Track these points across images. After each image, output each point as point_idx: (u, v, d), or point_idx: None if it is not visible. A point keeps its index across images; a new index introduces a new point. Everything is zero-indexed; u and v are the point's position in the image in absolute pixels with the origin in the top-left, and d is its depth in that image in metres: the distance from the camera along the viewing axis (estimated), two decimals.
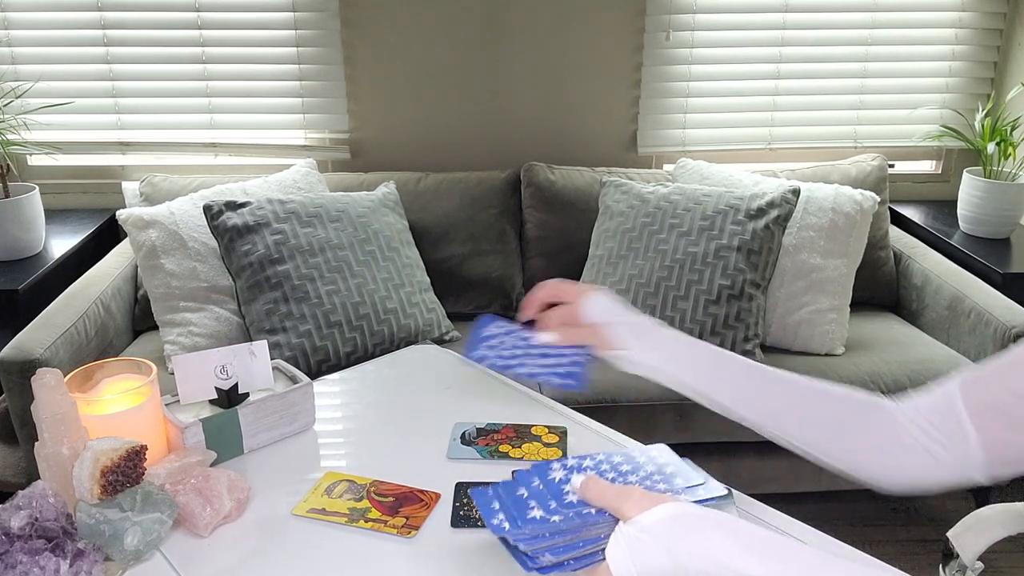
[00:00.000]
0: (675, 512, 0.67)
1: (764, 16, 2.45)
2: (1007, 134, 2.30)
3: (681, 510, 0.67)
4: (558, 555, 0.70)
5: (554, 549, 0.71)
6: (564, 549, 0.71)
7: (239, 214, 1.93)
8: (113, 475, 0.86)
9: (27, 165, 2.48)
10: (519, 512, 0.76)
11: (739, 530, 0.65)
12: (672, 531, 0.66)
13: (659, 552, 0.65)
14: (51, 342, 1.72)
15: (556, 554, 0.70)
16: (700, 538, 0.64)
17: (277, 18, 2.36)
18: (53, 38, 2.34)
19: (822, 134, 2.60)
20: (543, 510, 0.75)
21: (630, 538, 0.67)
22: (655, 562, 0.65)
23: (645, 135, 2.54)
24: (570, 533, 0.72)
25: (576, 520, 0.72)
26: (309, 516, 0.93)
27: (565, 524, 0.72)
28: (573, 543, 0.71)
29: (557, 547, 0.71)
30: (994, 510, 1.12)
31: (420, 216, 2.25)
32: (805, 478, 2.02)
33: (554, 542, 0.71)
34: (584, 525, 0.71)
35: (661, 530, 0.66)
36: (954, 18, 2.50)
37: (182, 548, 0.88)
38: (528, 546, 0.71)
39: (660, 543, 0.66)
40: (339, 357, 1.88)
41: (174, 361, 1.03)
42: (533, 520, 0.73)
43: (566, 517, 0.73)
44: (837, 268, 2.07)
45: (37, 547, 0.79)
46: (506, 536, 0.73)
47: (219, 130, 2.45)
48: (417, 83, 2.45)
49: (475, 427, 1.11)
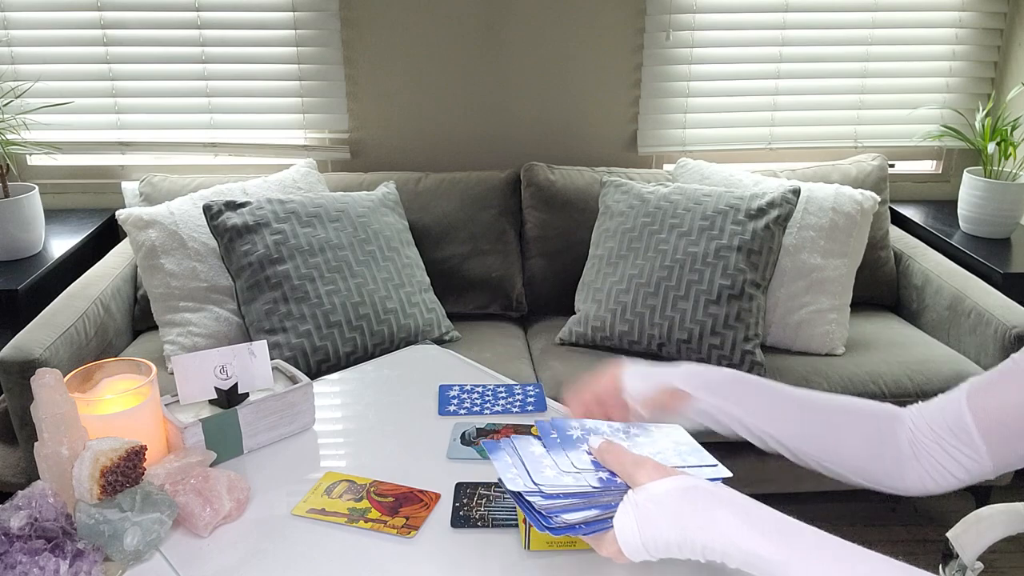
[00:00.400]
0: (686, 485, 0.68)
1: (764, 16, 2.45)
2: (1007, 134, 2.30)
3: (692, 484, 0.68)
4: (572, 515, 0.72)
5: (568, 510, 0.72)
6: (578, 510, 0.72)
7: (239, 214, 1.93)
8: (113, 475, 0.86)
9: (27, 165, 2.48)
10: (534, 469, 0.76)
11: (747, 509, 0.65)
12: (681, 504, 0.66)
13: (666, 524, 0.66)
14: (51, 342, 1.72)
15: (570, 514, 0.72)
16: (709, 514, 0.65)
17: (277, 18, 2.35)
18: (53, 38, 2.34)
19: (822, 134, 2.60)
20: (556, 469, 0.76)
21: (638, 507, 0.68)
22: (662, 533, 0.66)
23: (645, 135, 2.54)
24: (585, 497, 0.73)
25: (590, 484, 0.73)
26: (309, 516, 0.93)
27: (579, 487, 0.73)
28: (587, 506, 0.72)
29: (571, 507, 0.72)
30: (994, 510, 1.12)
31: (420, 216, 2.25)
32: (805, 478, 2.01)
33: (569, 502, 0.72)
34: (599, 492, 0.73)
35: (670, 501, 0.67)
36: (954, 18, 2.50)
37: (182, 548, 0.88)
38: (544, 504, 0.72)
39: (668, 514, 0.66)
40: (339, 357, 1.87)
41: (174, 361, 1.03)
42: (547, 478, 0.74)
43: (579, 477, 0.74)
44: (837, 268, 2.07)
45: (37, 547, 0.79)
46: (521, 492, 0.74)
47: (219, 130, 2.45)
48: (417, 83, 2.45)
49: (475, 427, 1.11)
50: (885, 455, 0.84)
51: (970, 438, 0.79)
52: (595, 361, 1.98)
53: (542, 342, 2.12)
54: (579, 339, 2.06)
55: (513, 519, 0.92)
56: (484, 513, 0.93)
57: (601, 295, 2.04)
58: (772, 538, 0.62)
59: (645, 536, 0.67)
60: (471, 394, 1.20)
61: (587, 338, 2.05)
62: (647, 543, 0.67)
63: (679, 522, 0.65)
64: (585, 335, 2.05)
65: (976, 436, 0.79)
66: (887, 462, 0.84)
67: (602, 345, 2.04)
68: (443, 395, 1.21)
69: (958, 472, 0.81)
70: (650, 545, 0.67)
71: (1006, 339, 1.90)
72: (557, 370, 1.96)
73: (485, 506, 0.94)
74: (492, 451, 0.81)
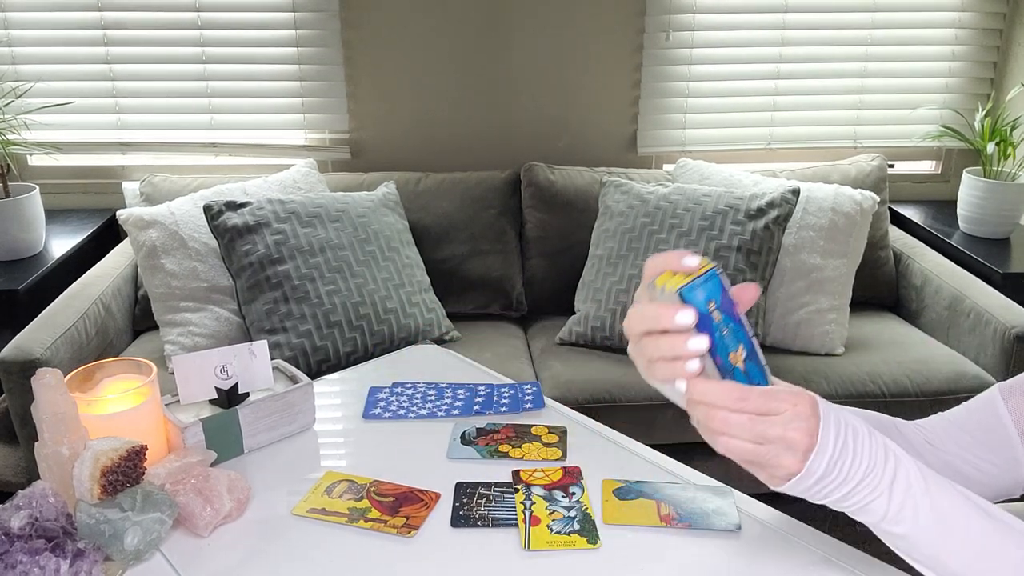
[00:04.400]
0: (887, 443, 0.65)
1: (764, 16, 2.45)
2: (1007, 134, 2.30)
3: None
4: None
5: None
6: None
7: (239, 214, 1.93)
8: (113, 475, 0.86)
9: (27, 165, 2.48)
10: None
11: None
12: (883, 454, 0.64)
13: (859, 465, 0.63)
14: (51, 342, 1.72)
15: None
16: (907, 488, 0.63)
17: (277, 18, 2.36)
18: (53, 38, 2.34)
19: (822, 134, 2.60)
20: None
21: (844, 426, 0.64)
22: (852, 469, 0.63)
23: (645, 135, 2.54)
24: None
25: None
26: (309, 516, 0.93)
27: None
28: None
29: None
30: None
31: (420, 216, 2.25)
32: None
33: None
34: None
35: (870, 440, 0.64)
36: (954, 18, 2.50)
37: (182, 548, 0.88)
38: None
39: (866, 454, 0.63)
40: (339, 357, 1.88)
41: (174, 361, 1.03)
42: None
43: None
44: (837, 268, 2.07)
45: (37, 547, 0.79)
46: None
47: (219, 130, 2.45)
48: (417, 83, 2.45)
49: (475, 427, 1.11)
50: None
51: (1005, 428, 0.76)
52: (595, 361, 1.99)
53: (542, 342, 2.12)
54: (579, 339, 2.06)
55: (513, 519, 0.92)
56: (484, 513, 0.93)
57: (601, 295, 2.04)
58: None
59: (835, 463, 0.62)
60: (400, 397, 1.18)
61: (587, 338, 2.05)
62: (831, 471, 0.62)
63: (873, 472, 0.63)
64: (585, 335, 2.05)
65: (1011, 427, 0.75)
66: None
67: (602, 345, 2.05)
68: (371, 397, 1.19)
69: (991, 471, 0.77)
70: (831, 475, 0.62)
71: (1005, 339, 1.90)
72: (557, 370, 1.96)
73: (485, 506, 0.94)
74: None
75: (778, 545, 0.88)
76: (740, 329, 0.69)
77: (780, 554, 0.86)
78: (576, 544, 0.87)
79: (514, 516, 0.92)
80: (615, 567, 0.85)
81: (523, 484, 0.98)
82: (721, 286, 0.67)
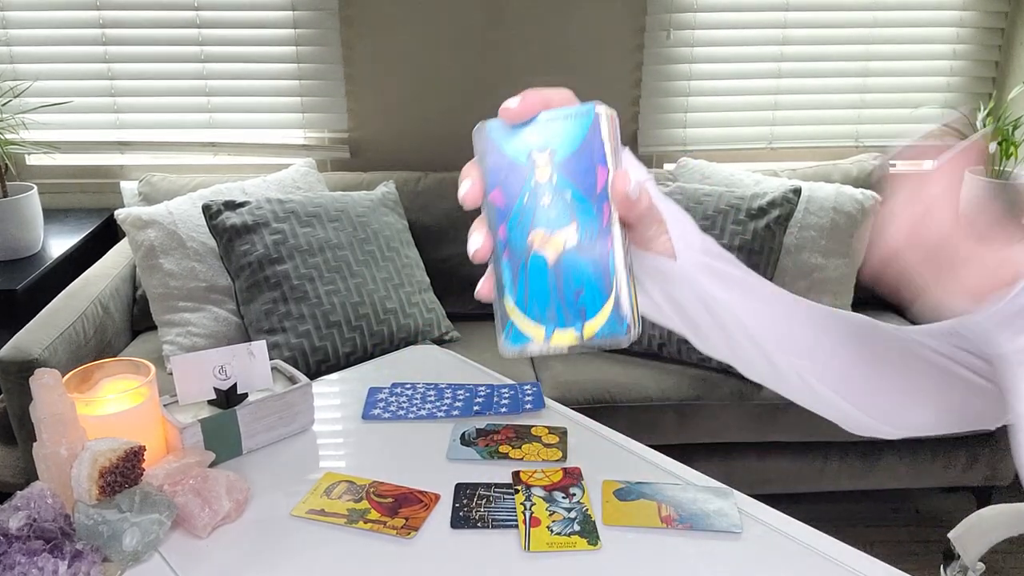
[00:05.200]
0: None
1: (765, 15, 2.44)
2: (1008, 133, 2.29)
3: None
4: None
5: None
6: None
7: (238, 214, 1.93)
8: (111, 476, 0.86)
9: (25, 164, 2.48)
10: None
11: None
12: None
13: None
14: (49, 342, 1.72)
15: None
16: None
17: (276, 17, 2.35)
18: (51, 37, 2.33)
19: (823, 133, 2.59)
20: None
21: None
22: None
23: (646, 134, 2.53)
24: None
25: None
26: (308, 517, 0.92)
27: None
28: None
29: None
30: (996, 511, 1.12)
31: (420, 216, 2.24)
32: (805, 478, 2.01)
33: None
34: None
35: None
36: (955, 17, 2.50)
37: (181, 549, 0.87)
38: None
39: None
40: (338, 357, 1.87)
41: (173, 361, 1.03)
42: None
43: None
44: (838, 268, 2.07)
45: (35, 548, 0.79)
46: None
47: (218, 129, 2.45)
48: (417, 82, 2.45)
49: (475, 428, 1.11)
50: (878, 369, 0.66)
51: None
52: (595, 361, 1.98)
53: None
54: None
55: (513, 520, 0.91)
56: (484, 514, 0.92)
57: None
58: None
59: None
60: (399, 397, 1.18)
61: None
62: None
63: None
64: None
65: None
66: (880, 379, 0.66)
67: None
68: (370, 398, 1.18)
69: (985, 384, 0.64)
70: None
71: None
72: (557, 370, 1.95)
73: (485, 507, 0.94)
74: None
75: (779, 546, 0.87)
76: (587, 208, 0.45)
77: (781, 555, 0.86)
78: (576, 545, 0.87)
79: (514, 517, 0.92)
80: (616, 568, 0.84)
81: (523, 485, 0.97)
82: (589, 135, 0.46)
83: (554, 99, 0.48)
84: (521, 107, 0.46)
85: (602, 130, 0.46)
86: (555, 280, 0.46)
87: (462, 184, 0.48)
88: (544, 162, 0.46)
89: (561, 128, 0.46)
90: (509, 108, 0.46)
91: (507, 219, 0.47)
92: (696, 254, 0.55)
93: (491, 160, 0.47)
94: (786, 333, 0.60)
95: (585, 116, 0.45)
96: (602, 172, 0.46)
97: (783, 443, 1.96)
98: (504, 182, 0.47)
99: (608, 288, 0.45)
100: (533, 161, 0.46)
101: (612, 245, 0.45)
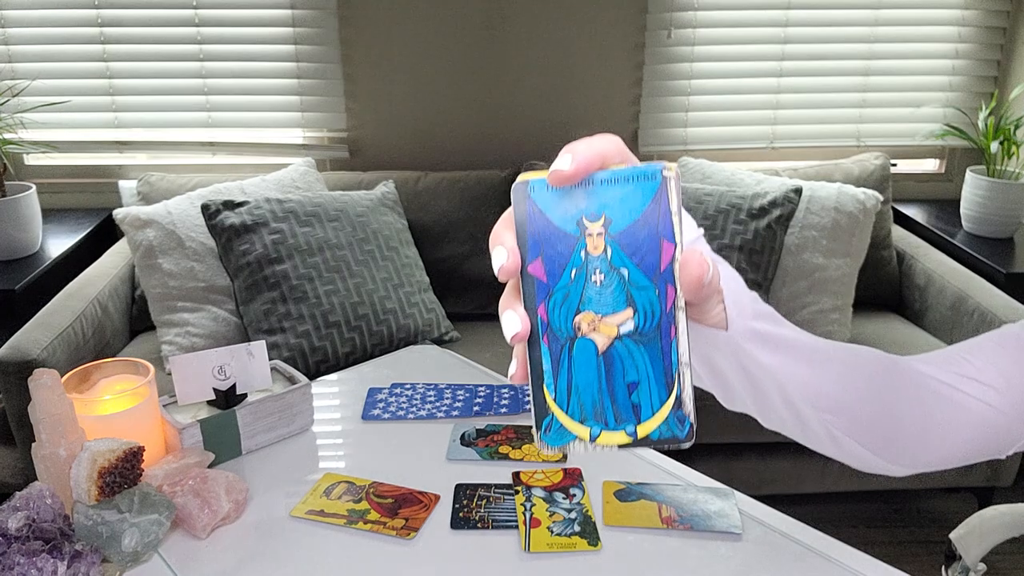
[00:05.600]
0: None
1: (766, 14, 2.44)
2: (1011, 133, 2.29)
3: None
4: None
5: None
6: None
7: (237, 213, 1.92)
8: (111, 476, 0.86)
9: (24, 164, 2.47)
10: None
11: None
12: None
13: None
14: (48, 342, 1.71)
15: None
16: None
17: (275, 16, 2.35)
18: (50, 36, 2.33)
19: (825, 132, 2.59)
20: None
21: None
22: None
23: (646, 133, 2.53)
24: None
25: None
26: (308, 518, 0.92)
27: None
28: None
29: None
30: (997, 511, 1.11)
31: (419, 215, 2.24)
32: (807, 479, 2.01)
33: None
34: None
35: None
36: (957, 16, 2.49)
37: (180, 550, 0.87)
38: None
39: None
40: (338, 357, 1.87)
41: (172, 362, 1.02)
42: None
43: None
44: (840, 268, 2.06)
45: (34, 548, 0.79)
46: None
47: (217, 129, 2.44)
48: (416, 81, 2.44)
49: (475, 428, 1.10)
50: (888, 402, 0.65)
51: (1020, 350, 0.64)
52: None
53: None
54: None
55: (513, 521, 0.91)
56: (484, 515, 0.92)
57: None
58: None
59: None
60: (399, 397, 1.18)
61: None
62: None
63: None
64: None
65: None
66: (892, 413, 0.65)
67: None
68: (370, 398, 1.18)
69: (1000, 402, 0.64)
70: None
71: None
72: None
73: (485, 507, 0.93)
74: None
75: (780, 547, 0.87)
76: (648, 289, 0.40)
77: (782, 556, 0.85)
78: (577, 546, 0.87)
79: (514, 518, 0.91)
80: (616, 569, 0.84)
81: (523, 486, 0.97)
82: (653, 203, 0.39)
83: (610, 154, 0.41)
84: (574, 170, 0.39)
85: (670, 198, 0.39)
86: (605, 372, 0.40)
87: (495, 252, 0.41)
88: (598, 232, 0.39)
89: (620, 193, 0.39)
90: (561, 172, 0.40)
91: (549, 297, 0.40)
92: (747, 320, 0.50)
93: (533, 225, 0.40)
94: (820, 391, 0.57)
95: (650, 180, 0.39)
96: (667, 248, 0.39)
97: (784, 444, 1.96)
98: (547, 253, 0.40)
99: (669, 385, 0.40)
100: (584, 229, 0.40)
101: (676, 334, 0.40)
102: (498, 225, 0.42)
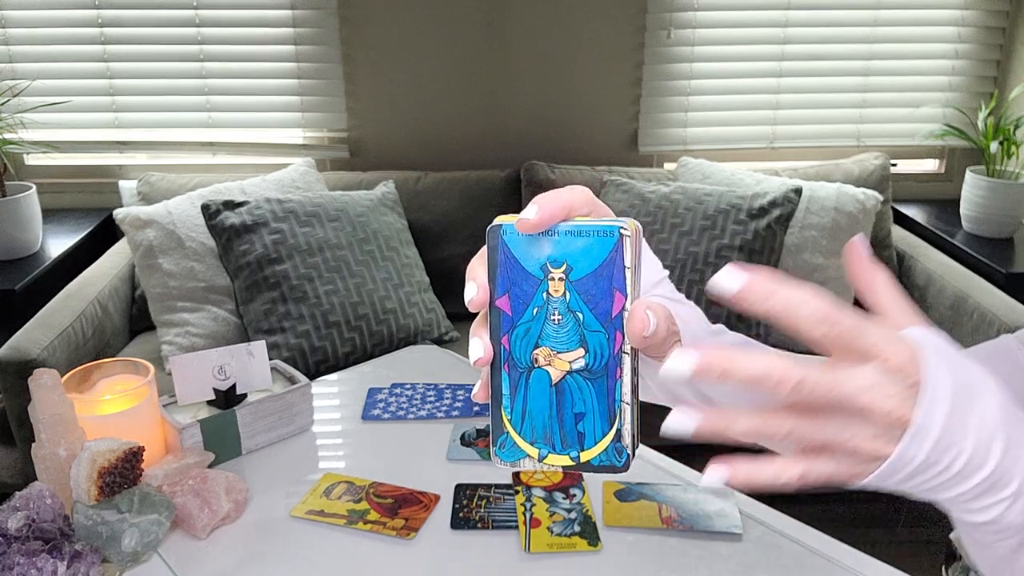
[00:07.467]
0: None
1: (766, 14, 2.44)
2: (1010, 133, 2.29)
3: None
4: None
5: None
6: None
7: (237, 213, 1.92)
8: (111, 476, 0.85)
9: (24, 164, 2.47)
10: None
11: None
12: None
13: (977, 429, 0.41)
14: (48, 342, 1.71)
15: None
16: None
17: (275, 16, 2.34)
18: (50, 36, 2.33)
19: (824, 133, 2.59)
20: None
21: (956, 374, 0.41)
22: (964, 440, 0.40)
23: (646, 134, 2.53)
24: None
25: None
26: (308, 518, 0.92)
27: None
28: None
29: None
30: None
31: (419, 215, 2.24)
32: None
33: None
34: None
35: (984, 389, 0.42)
36: (957, 16, 2.49)
37: (180, 550, 0.87)
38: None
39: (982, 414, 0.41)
40: (338, 357, 1.87)
41: (172, 362, 1.02)
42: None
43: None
44: (840, 268, 2.06)
45: (34, 548, 0.79)
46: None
47: (217, 129, 2.44)
48: (416, 81, 2.44)
49: (475, 428, 1.10)
50: None
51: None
52: None
53: None
54: None
55: (513, 521, 0.91)
56: (484, 515, 0.92)
57: None
58: None
59: (946, 437, 0.39)
60: (399, 397, 1.18)
61: None
62: (933, 453, 0.39)
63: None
64: None
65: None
66: None
67: None
68: (370, 398, 1.18)
69: None
70: (936, 455, 0.39)
71: None
72: None
73: (485, 508, 0.93)
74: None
75: (780, 547, 0.87)
76: (599, 333, 0.44)
77: (782, 556, 0.85)
78: (577, 546, 0.87)
79: (514, 518, 0.91)
80: (616, 569, 0.84)
81: (523, 486, 0.97)
82: (609, 257, 0.43)
83: (576, 205, 0.44)
84: (538, 219, 0.43)
85: (624, 254, 0.43)
86: (556, 401, 0.45)
87: (468, 285, 0.46)
88: (559, 277, 0.43)
89: (581, 244, 0.43)
90: (526, 220, 0.43)
91: (512, 329, 0.45)
92: None
93: (503, 265, 0.45)
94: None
95: (608, 236, 0.43)
96: (619, 298, 0.43)
97: None
98: (514, 291, 0.44)
99: (611, 419, 0.45)
100: (548, 273, 0.44)
101: (620, 375, 0.44)
102: (474, 260, 0.46)
